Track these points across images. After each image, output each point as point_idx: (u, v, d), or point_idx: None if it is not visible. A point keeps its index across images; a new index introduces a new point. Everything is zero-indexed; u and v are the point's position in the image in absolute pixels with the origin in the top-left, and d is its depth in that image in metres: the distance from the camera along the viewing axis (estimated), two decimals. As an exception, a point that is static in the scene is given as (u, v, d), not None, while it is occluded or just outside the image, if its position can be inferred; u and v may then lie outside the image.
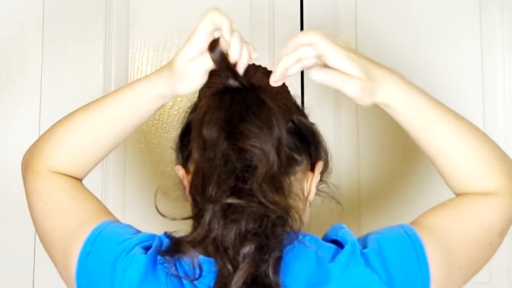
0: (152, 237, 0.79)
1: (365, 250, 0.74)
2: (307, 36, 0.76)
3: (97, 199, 0.87)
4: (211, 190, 0.71)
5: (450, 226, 0.79)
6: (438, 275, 0.75)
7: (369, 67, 0.78)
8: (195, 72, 0.76)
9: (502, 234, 0.82)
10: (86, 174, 0.90)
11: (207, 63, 0.76)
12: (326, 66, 0.76)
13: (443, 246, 0.76)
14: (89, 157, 0.88)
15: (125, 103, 0.85)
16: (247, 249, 0.69)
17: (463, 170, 0.82)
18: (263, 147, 0.72)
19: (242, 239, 0.69)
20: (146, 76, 0.85)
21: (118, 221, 0.84)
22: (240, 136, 0.73)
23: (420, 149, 0.84)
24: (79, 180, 0.89)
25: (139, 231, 0.82)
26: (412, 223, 0.80)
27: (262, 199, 0.70)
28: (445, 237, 0.77)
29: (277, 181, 0.73)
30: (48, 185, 0.86)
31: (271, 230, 0.70)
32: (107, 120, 0.86)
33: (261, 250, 0.69)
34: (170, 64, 0.79)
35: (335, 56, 0.75)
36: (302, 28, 1.45)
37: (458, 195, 0.83)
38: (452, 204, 0.82)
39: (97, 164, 0.90)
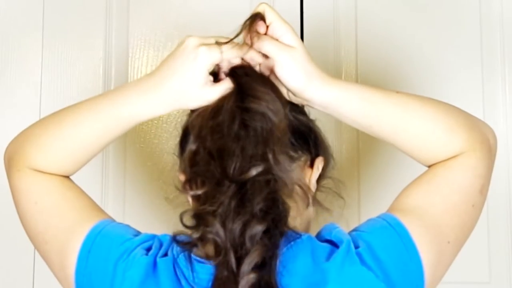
0: (152, 237, 0.79)
1: (358, 250, 0.73)
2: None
3: (87, 196, 0.86)
4: (234, 166, 0.72)
5: (429, 201, 0.78)
6: (429, 257, 0.74)
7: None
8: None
9: (482, 191, 0.81)
10: (74, 173, 0.88)
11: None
12: None
13: (428, 225, 0.76)
14: (77, 161, 0.86)
15: (112, 122, 0.83)
16: (255, 230, 0.68)
17: (423, 142, 0.81)
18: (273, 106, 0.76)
19: (252, 220, 0.69)
20: (127, 96, 0.82)
21: (113, 219, 0.83)
22: (251, 99, 0.76)
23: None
24: (67, 177, 0.87)
25: (138, 232, 0.81)
26: (392, 209, 0.80)
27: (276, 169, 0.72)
28: (428, 214, 0.77)
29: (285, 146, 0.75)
30: (36, 184, 0.84)
31: (279, 213, 0.71)
32: (98, 131, 0.84)
33: (268, 233, 0.69)
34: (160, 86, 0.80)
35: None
36: (302, 28, 1.45)
37: (430, 166, 0.82)
38: (426, 178, 0.81)
39: (85, 164, 0.88)
